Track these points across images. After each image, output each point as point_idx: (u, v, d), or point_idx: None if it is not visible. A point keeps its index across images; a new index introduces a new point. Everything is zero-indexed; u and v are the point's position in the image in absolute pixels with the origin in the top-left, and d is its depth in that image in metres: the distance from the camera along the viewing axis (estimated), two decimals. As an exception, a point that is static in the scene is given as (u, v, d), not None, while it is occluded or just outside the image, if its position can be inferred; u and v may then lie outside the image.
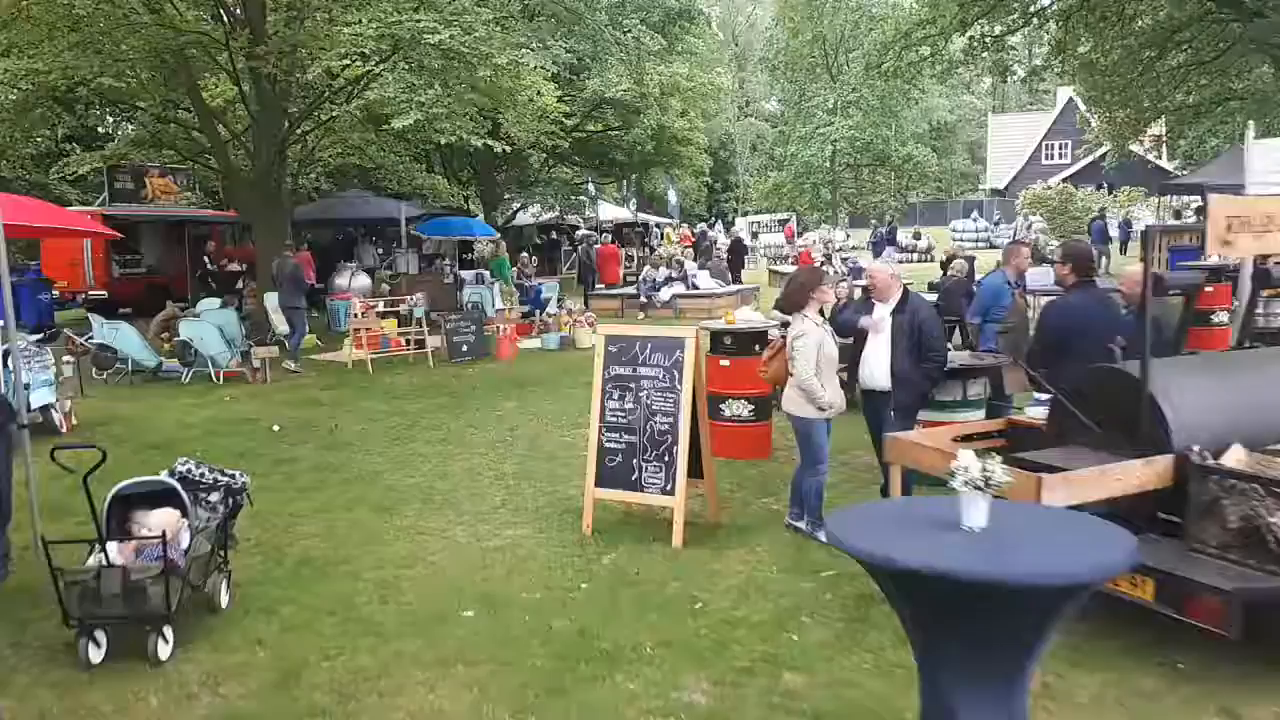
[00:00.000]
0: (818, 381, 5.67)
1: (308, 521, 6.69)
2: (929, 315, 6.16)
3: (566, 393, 11.29)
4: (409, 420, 10.01)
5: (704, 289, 19.37)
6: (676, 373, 5.98)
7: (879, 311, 6.19)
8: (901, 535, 2.85)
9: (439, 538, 6.24)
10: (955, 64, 20.37)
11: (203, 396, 11.67)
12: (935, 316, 6.35)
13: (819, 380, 5.68)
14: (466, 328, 14.17)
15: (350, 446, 8.91)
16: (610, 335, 6.28)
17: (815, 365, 5.65)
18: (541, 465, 8.01)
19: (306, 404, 11.02)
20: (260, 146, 16.34)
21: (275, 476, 7.93)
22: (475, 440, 9.04)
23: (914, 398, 6.11)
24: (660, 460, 5.97)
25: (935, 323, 6.18)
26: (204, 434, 9.54)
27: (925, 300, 6.65)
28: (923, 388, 6.12)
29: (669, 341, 6.06)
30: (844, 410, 5.95)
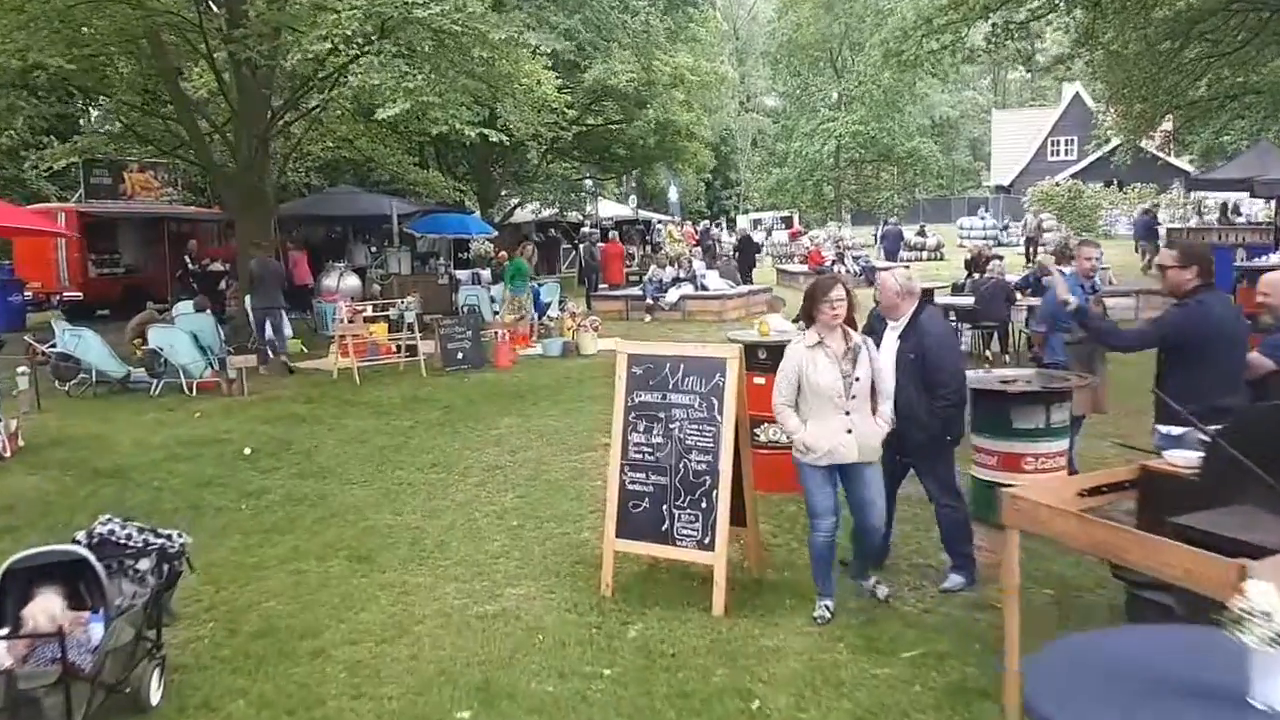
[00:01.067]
0: (789, 413, 4.61)
1: (272, 574, 5.63)
2: (937, 341, 5.07)
3: (571, 407, 10.24)
4: (397, 441, 8.94)
5: (714, 290, 18.30)
6: (716, 401, 4.92)
7: (888, 334, 5.16)
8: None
9: (427, 599, 5.18)
10: (977, 52, 19.33)
11: (171, 411, 10.59)
12: (947, 341, 5.29)
13: (792, 414, 4.61)
14: (462, 333, 13.11)
15: (329, 474, 7.84)
16: (634, 354, 5.22)
17: (786, 394, 4.61)
18: (547, 499, 6.95)
19: (284, 420, 9.95)
20: (241, 139, 15.24)
21: (240, 512, 6.87)
22: (471, 466, 7.98)
23: (929, 437, 5.02)
24: (696, 507, 4.92)
25: (946, 350, 5.12)
26: (165, 458, 8.46)
27: (939, 320, 5.45)
28: (932, 429, 4.99)
29: (707, 363, 5.00)
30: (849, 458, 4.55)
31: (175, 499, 7.19)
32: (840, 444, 4.51)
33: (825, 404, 4.50)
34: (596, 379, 12.01)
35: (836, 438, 4.51)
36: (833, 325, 4.53)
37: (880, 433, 4.62)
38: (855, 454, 4.53)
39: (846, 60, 46.37)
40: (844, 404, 4.50)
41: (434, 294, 18.21)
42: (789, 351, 4.67)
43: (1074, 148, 49.12)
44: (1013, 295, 11.90)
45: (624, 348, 5.25)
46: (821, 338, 4.57)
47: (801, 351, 4.60)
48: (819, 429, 4.53)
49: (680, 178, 38.60)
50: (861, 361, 4.55)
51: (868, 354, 4.60)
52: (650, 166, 30.95)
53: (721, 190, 58.60)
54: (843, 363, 4.52)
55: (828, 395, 4.48)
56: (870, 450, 4.60)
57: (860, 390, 4.53)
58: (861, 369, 4.54)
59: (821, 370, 4.50)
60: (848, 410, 4.51)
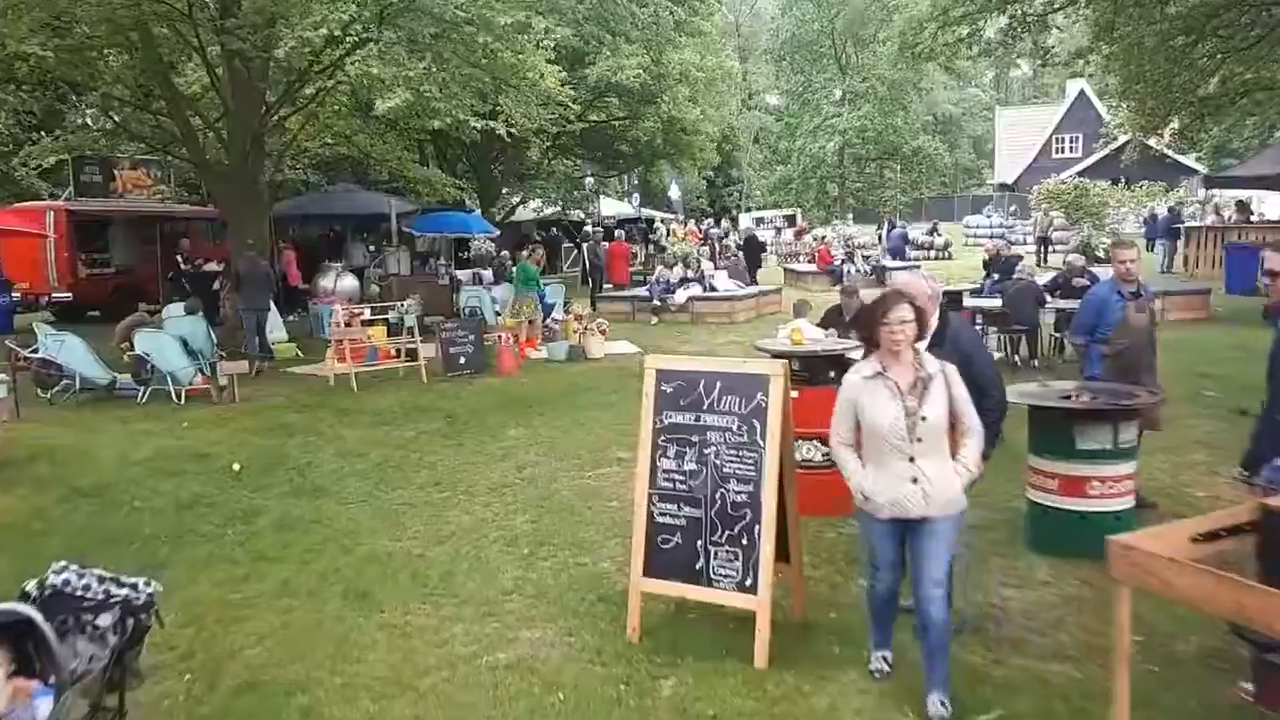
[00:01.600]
0: (846, 454, 3.92)
1: (260, 613, 5.07)
2: (973, 345, 4.61)
3: (581, 417, 9.69)
4: (396, 455, 8.38)
5: (723, 291, 17.74)
6: (758, 423, 4.36)
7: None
8: None
9: (431, 644, 4.62)
10: (993, 45, 18.76)
11: (158, 421, 10.01)
12: (983, 349, 4.82)
13: (851, 455, 3.91)
14: (464, 337, 12.54)
15: (323, 493, 7.28)
16: (664, 370, 4.65)
17: (844, 431, 3.91)
18: (561, 523, 6.39)
19: (277, 432, 9.38)
20: (235, 134, 14.67)
21: (227, 538, 6.30)
22: (476, 483, 7.41)
23: None
24: (736, 544, 4.36)
25: (985, 359, 4.60)
26: (148, 474, 7.89)
27: (969, 326, 5.00)
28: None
29: (746, 380, 4.44)
30: (914, 511, 3.77)
31: (156, 522, 6.62)
32: (904, 495, 3.75)
33: (886, 447, 3.77)
34: (606, 385, 11.47)
35: (899, 487, 3.75)
36: (896, 350, 3.77)
37: (959, 481, 3.81)
38: (923, 506, 3.75)
39: (850, 57, 45.77)
40: (908, 448, 3.73)
41: (434, 295, 17.63)
42: (846, 381, 3.96)
43: (1079, 145, 48.58)
44: (1042, 297, 11.35)
45: (653, 363, 4.69)
46: (883, 367, 3.81)
47: (858, 383, 3.87)
48: (880, 476, 3.80)
49: (684, 176, 38.00)
50: (933, 396, 3.75)
51: (944, 385, 3.80)
52: (654, 164, 30.34)
53: (723, 188, 58.01)
54: (907, 398, 3.73)
55: (888, 437, 3.75)
56: (944, 503, 3.77)
57: (930, 431, 3.74)
58: (932, 406, 3.74)
59: (880, 407, 3.75)
60: (913, 455, 3.74)
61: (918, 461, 3.75)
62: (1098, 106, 46.79)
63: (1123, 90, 24.25)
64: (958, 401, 3.83)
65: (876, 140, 44.16)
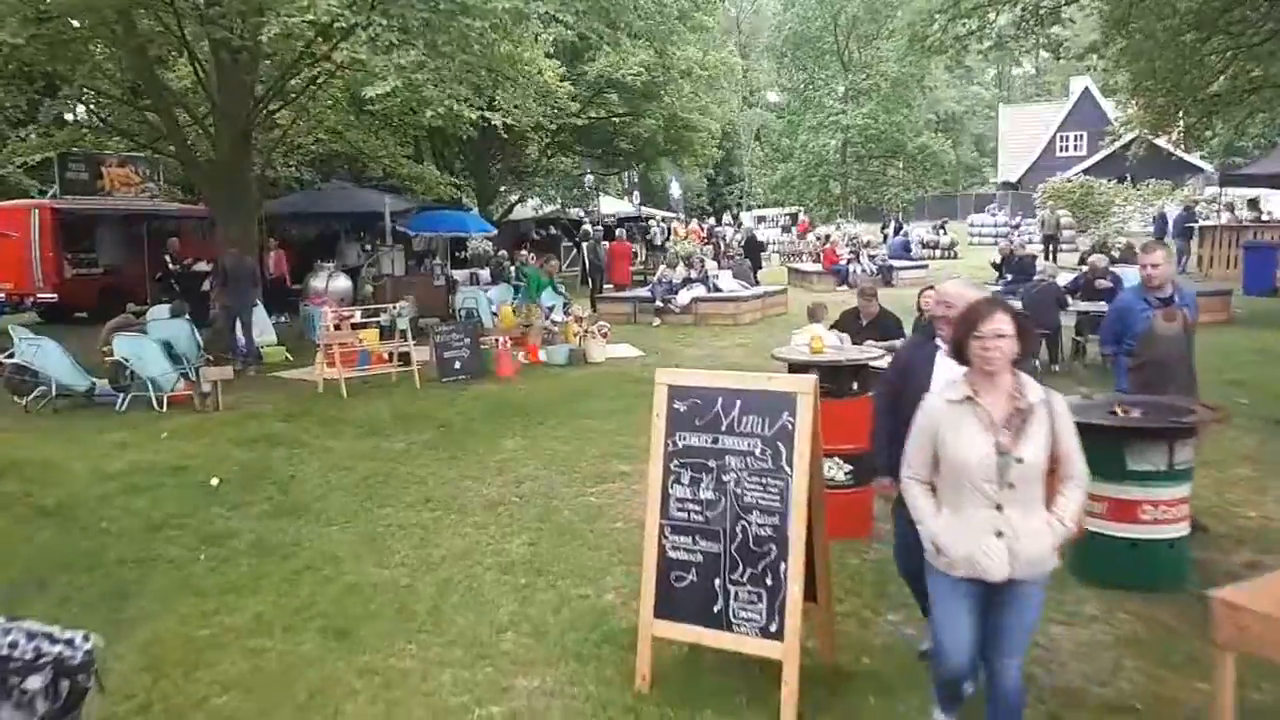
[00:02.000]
0: (918, 492, 3.32)
1: (228, 653, 4.57)
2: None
3: (582, 426, 9.18)
4: (385, 468, 7.88)
5: (727, 291, 17.24)
6: (783, 447, 3.86)
7: (947, 359, 3.60)
8: None
9: (416, 693, 4.12)
10: (1004, 38, 18.27)
11: (136, 431, 9.50)
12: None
13: (924, 493, 3.32)
14: (459, 340, 12.03)
15: (306, 512, 6.77)
16: (676, 386, 4.15)
17: (918, 465, 3.32)
18: (561, 548, 5.89)
19: (261, 443, 8.87)
20: (222, 129, 14.17)
21: (198, 564, 5.80)
22: (470, 501, 6.91)
23: None
24: (759, 583, 3.86)
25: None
26: (121, 490, 7.39)
27: None
28: None
29: (770, 398, 3.94)
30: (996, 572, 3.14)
31: (123, 546, 6.12)
32: (984, 550, 3.11)
33: (968, 490, 3.13)
34: (607, 391, 10.98)
35: (979, 540, 3.12)
36: (990, 371, 3.12)
37: (1053, 538, 3.14)
38: (1005, 567, 3.11)
39: (854, 53, 45.26)
40: (995, 493, 3.09)
41: (429, 296, 17.14)
42: (927, 404, 3.32)
43: (1083, 143, 48.10)
44: (1064, 299, 10.86)
45: (664, 377, 4.18)
46: (974, 391, 3.16)
47: (941, 409, 3.22)
48: (957, 525, 3.17)
49: (685, 174, 37.48)
50: (1032, 433, 3.10)
51: (1047, 419, 3.14)
52: (655, 161, 29.83)
53: (724, 186, 57.55)
54: (1001, 432, 3.10)
55: (972, 478, 3.11)
56: (1031, 563, 3.13)
57: (1024, 476, 3.09)
58: (1030, 444, 3.08)
59: (966, 440, 3.11)
60: (1000, 503, 3.10)
61: (1005, 511, 3.10)
62: (1102, 104, 46.36)
63: (1133, 87, 23.83)
64: (1062, 440, 3.16)
65: (880, 138, 43.62)
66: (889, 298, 9.01)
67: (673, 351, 13.94)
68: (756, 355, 13.33)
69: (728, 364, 12.68)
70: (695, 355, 13.55)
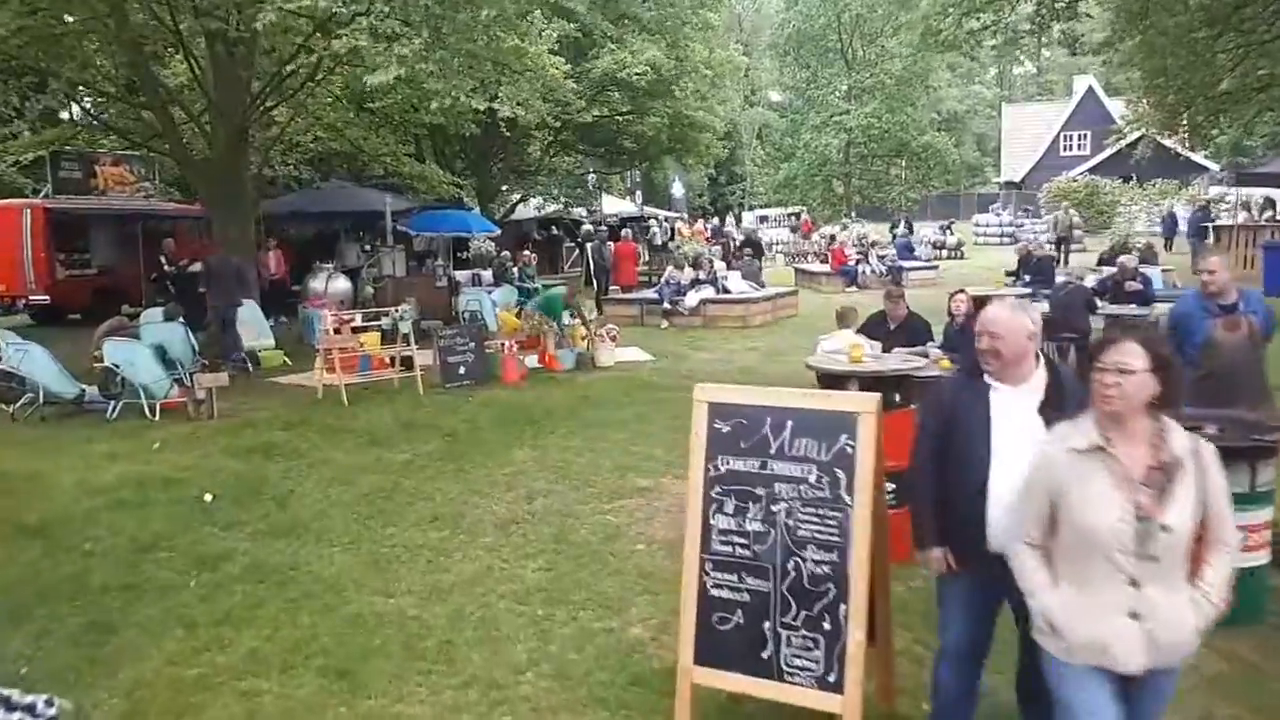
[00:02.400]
0: (1028, 558, 2.74)
1: (218, 697, 4.14)
2: None
3: (594, 436, 8.75)
4: (389, 482, 7.44)
5: (736, 293, 16.81)
6: (843, 474, 3.43)
7: (1004, 399, 3.15)
8: None
9: (429, 748, 3.70)
10: (1020, 33, 17.88)
11: (127, 441, 9.06)
12: None
13: (1034, 560, 2.73)
14: (464, 345, 11.59)
15: (305, 531, 6.34)
16: (717, 403, 3.73)
17: (1032, 526, 2.73)
18: (580, 572, 5.46)
19: (257, 453, 8.43)
20: (217, 126, 13.74)
21: (188, 591, 5.37)
22: (480, 520, 6.48)
23: None
24: (815, 628, 3.43)
25: None
26: (108, 506, 6.95)
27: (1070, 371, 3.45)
28: None
29: (827, 419, 3.51)
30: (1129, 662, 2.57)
31: (109, 570, 5.69)
32: (1114, 635, 2.54)
33: (1097, 561, 2.54)
34: (618, 397, 10.56)
35: (1108, 622, 2.54)
36: (1111, 411, 2.56)
37: (1198, 618, 2.58)
38: (1142, 655, 2.54)
39: (857, 52, 44.86)
40: (1131, 566, 2.51)
41: (432, 298, 16.70)
42: (1044, 453, 2.71)
43: (1087, 142, 47.75)
44: (1093, 302, 10.44)
45: (705, 394, 3.76)
46: (1106, 438, 2.57)
47: (1062, 459, 2.62)
48: (1081, 603, 2.59)
49: (688, 173, 37.06)
50: (1180, 493, 2.53)
51: (1195, 474, 2.56)
52: (659, 160, 29.38)
53: (726, 186, 57.17)
54: (1140, 491, 2.52)
55: (1104, 547, 2.53)
56: (1173, 649, 2.58)
57: (1170, 546, 2.51)
58: (1177, 509, 2.52)
59: (1096, 500, 2.52)
60: (1137, 578, 2.52)
61: (1144, 588, 2.53)
62: (1106, 103, 46.00)
63: (1145, 85, 23.47)
64: (1214, 500, 2.59)
65: (884, 137, 43.21)
66: None
67: (683, 355, 13.51)
68: (771, 360, 12.93)
69: (741, 368, 12.27)
70: (706, 359, 13.13)
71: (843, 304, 8.15)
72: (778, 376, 11.52)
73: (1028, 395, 3.14)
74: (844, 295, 20.69)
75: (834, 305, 18.73)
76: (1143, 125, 26.84)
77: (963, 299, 8.04)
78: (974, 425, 3.15)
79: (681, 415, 9.37)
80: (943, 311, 8.57)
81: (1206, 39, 19.72)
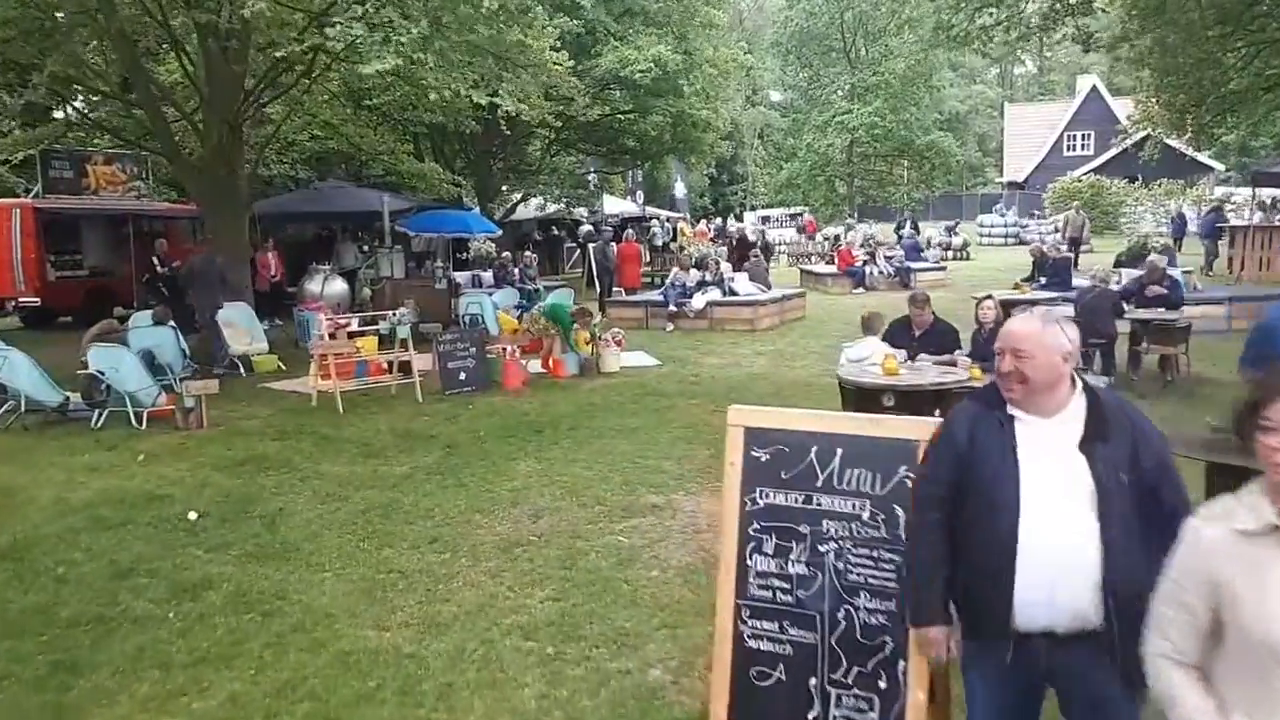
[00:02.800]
0: (1177, 678, 2.01)
1: (193, 753, 3.71)
2: (1146, 425, 2.58)
3: (601, 447, 8.32)
4: (386, 497, 7.02)
5: (744, 295, 16.39)
6: (901, 510, 3.01)
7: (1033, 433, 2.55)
8: None
9: (429, 817, 3.27)
10: (1032, 29, 17.46)
11: (110, 452, 8.64)
12: (1164, 439, 2.65)
13: (1187, 680, 2.00)
14: (464, 350, 11.17)
15: (294, 554, 5.91)
16: (755, 428, 3.30)
17: (1179, 636, 2.01)
18: (591, 602, 5.03)
19: (247, 466, 8.01)
20: (210, 124, 13.32)
21: (166, 624, 4.94)
22: (482, 541, 6.05)
23: None
24: (869, 686, 3.01)
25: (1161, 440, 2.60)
26: (86, 525, 6.53)
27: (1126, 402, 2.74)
28: None
29: (883, 447, 3.08)
30: None
31: (81, 599, 5.26)
32: None
33: (1277, 674, 1.87)
34: (624, 405, 10.14)
35: None
36: None
37: None
38: None
39: (861, 51, 44.47)
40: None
41: (431, 301, 16.27)
42: (1196, 534, 2.01)
43: (1090, 142, 47.45)
44: (1120, 307, 10.01)
45: (740, 418, 3.32)
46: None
47: (1223, 543, 1.95)
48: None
49: (690, 173, 36.64)
50: None
51: None
52: (661, 160, 28.94)
53: (727, 186, 56.76)
54: None
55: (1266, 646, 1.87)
56: None
57: None
58: None
59: (1275, 595, 1.87)
60: None
61: None
62: (1110, 103, 45.60)
63: (1155, 83, 23.12)
64: None
65: (887, 136, 42.81)
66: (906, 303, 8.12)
67: (690, 360, 13.08)
68: (782, 364, 12.51)
69: (752, 374, 11.85)
70: (715, 364, 12.70)
71: (868, 309, 7.69)
72: (791, 382, 11.12)
73: (1062, 427, 2.51)
74: (851, 297, 20.34)
75: (842, 307, 18.54)
76: (1150, 125, 26.49)
77: (991, 305, 7.61)
78: (996, 466, 2.52)
79: (692, 425, 9.03)
80: (956, 316, 8.14)
81: (1217, 37, 19.40)
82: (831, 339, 14.29)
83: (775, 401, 10.02)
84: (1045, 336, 2.53)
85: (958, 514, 2.60)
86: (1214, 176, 43.75)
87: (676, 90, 21.40)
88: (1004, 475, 2.51)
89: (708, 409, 9.65)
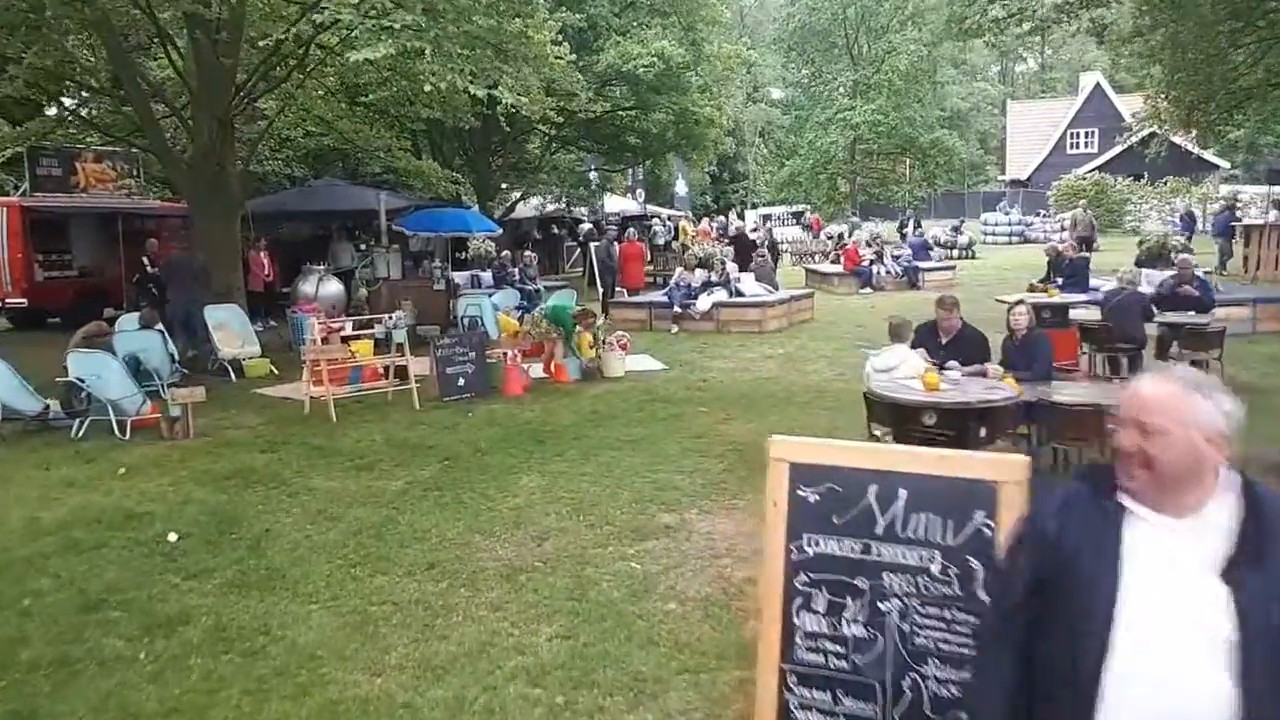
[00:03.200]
0: None
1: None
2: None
3: (608, 460, 7.87)
4: (379, 516, 6.57)
5: (750, 296, 15.94)
6: (978, 565, 2.57)
7: (1151, 536, 1.88)
8: None
9: None
10: (1046, 21, 17.05)
11: (90, 465, 8.19)
12: None
13: None
14: (463, 355, 10.72)
15: (280, 580, 5.46)
16: (801, 464, 2.84)
17: None
18: (603, 641, 4.58)
19: (234, 481, 7.56)
20: (200, 119, 12.86)
21: (137, 664, 4.49)
22: (484, 565, 5.61)
23: None
24: (941, 771, 2.56)
25: None
26: (57, 548, 6.08)
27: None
28: None
29: (956, 489, 2.63)
30: None
31: (45, 637, 4.81)
32: None
33: None
34: (629, 413, 9.70)
35: None
36: None
37: None
38: None
39: (863, 47, 44.03)
40: None
41: (429, 302, 15.82)
42: None
43: (1094, 140, 47.03)
44: (1150, 310, 9.57)
45: (783, 452, 2.87)
46: None
47: None
48: None
49: (691, 171, 36.17)
50: None
51: None
52: (663, 157, 28.47)
53: (729, 184, 56.29)
54: None
55: None
56: None
57: None
58: None
59: None
60: None
61: None
62: (1114, 100, 45.17)
63: (1166, 80, 22.71)
64: None
65: (890, 134, 42.37)
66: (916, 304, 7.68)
67: (697, 364, 12.65)
68: (793, 368, 12.07)
69: (763, 379, 11.40)
70: (723, 368, 12.25)
71: (895, 316, 7.23)
72: (804, 388, 10.68)
73: (1196, 538, 1.84)
74: (858, 297, 19.91)
75: (850, 308, 18.11)
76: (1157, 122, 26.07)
77: (1023, 311, 7.17)
78: (1093, 569, 1.89)
79: (702, 435, 8.55)
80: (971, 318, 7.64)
81: (1228, 32, 19.03)
82: (842, 342, 13.86)
83: (789, 409, 9.59)
84: (1186, 408, 1.86)
85: (1037, 626, 1.97)
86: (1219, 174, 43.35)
87: (680, 86, 20.95)
88: (1102, 580, 1.86)
89: (718, 417, 9.22)
